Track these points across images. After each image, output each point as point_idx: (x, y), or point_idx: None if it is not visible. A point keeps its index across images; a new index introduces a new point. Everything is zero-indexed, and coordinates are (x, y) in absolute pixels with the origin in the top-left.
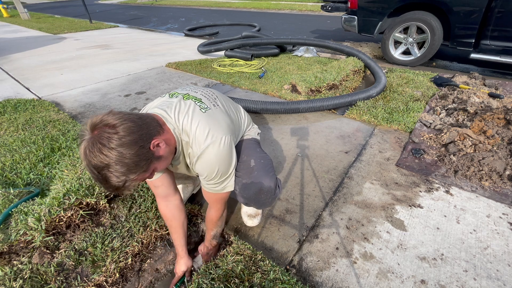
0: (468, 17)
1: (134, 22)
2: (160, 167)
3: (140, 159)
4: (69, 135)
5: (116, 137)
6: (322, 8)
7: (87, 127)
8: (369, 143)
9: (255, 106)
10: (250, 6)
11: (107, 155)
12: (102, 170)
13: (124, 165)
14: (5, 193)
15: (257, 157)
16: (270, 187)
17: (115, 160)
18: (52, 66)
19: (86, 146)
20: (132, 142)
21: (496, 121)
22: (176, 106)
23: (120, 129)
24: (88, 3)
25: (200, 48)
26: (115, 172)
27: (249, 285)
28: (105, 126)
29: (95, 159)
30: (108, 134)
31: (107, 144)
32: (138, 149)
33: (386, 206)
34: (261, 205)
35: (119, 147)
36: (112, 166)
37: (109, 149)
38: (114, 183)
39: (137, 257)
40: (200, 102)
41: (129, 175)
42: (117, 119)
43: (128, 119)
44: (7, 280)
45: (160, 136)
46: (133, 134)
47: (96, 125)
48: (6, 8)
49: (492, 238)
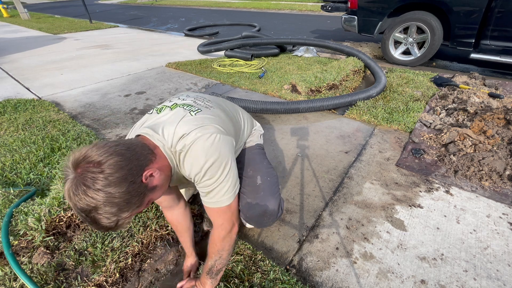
0: (468, 17)
1: (134, 22)
2: (156, 196)
3: (131, 196)
4: (69, 135)
5: (102, 176)
6: (322, 8)
7: (69, 164)
8: (369, 143)
9: (255, 106)
10: (250, 6)
11: (93, 197)
12: (90, 213)
13: (114, 205)
14: (5, 193)
15: (263, 174)
16: (274, 210)
17: (103, 202)
18: (52, 66)
19: (70, 187)
20: (121, 180)
21: (496, 121)
22: (164, 119)
23: (105, 167)
24: (88, 3)
25: (200, 48)
26: (105, 214)
27: (249, 285)
28: (89, 163)
29: (80, 202)
30: (92, 174)
31: (92, 186)
32: (128, 185)
33: (386, 206)
34: (262, 226)
35: (106, 187)
36: (101, 208)
37: (95, 191)
38: (105, 225)
39: (137, 257)
40: (189, 107)
41: (120, 215)
42: (102, 155)
43: (114, 153)
44: (7, 280)
45: (152, 164)
46: (121, 170)
47: (78, 163)
48: (6, 8)
49: (492, 238)
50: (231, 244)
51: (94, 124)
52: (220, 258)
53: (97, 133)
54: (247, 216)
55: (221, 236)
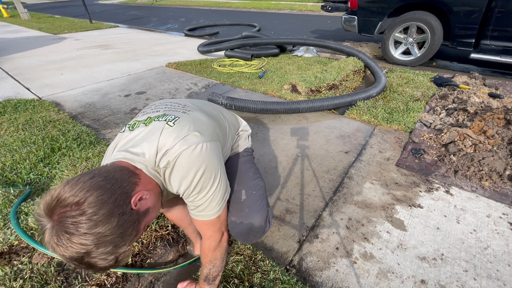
0: (468, 17)
1: (134, 22)
2: (151, 218)
3: (124, 228)
4: (69, 135)
5: (85, 218)
6: (322, 8)
7: (41, 212)
8: (369, 143)
9: (255, 106)
10: (250, 6)
11: (81, 243)
12: (82, 260)
13: (107, 244)
14: (5, 193)
15: (248, 187)
16: (261, 227)
17: (95, 244)
18: (52, 66)
19: (50, 239)
20: (108, 215)
21: (496, 121)
22: (140, 137)
23: (86, 206)
24: (88, 3)
25: (200, 48)
26: (100, 256)
27: (249, 285)
28: (65, 207)
29: (67, 251)
30: (72, 218)
31: (76, 231)
32: (118, 219)
33: (386, 206)
34: (249, 242)
35: (93, 228)
36: (93, 251)
37: (81, 236)
38: (103, 266)
39: (137, 257)
40: (164, 117)
41: (118, 251)
42: (77, 194)
43: (92, 188)
44: (7, 280)
45: (138, 187)
46: (105, 205)
47: (53, 209)
48: (6, 8)
49: (492, 238)
50: (223, 252)
51: (94, 124)
52: (214, 267)
53: (97, 133)
54: (233, 234)
55: (211, 248)
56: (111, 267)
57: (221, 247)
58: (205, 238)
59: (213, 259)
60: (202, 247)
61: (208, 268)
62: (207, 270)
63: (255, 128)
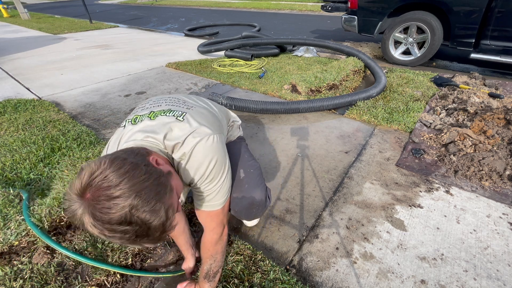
0: (468, 17)
1: (134, 22)
2: (176, 185)
3: (155, 177)
4: (69, 135)
5: (111, 171)
6: (322, 8)
7: (72, 198)
8: (369, 143)
9: (255, 106)
10: (250, 6)
11: (120, 195)
12: (132, 217)
13: (148, 192)
14: (5, 193)
15: (246, 167)
16: (262, 200)
17: (135, 193)
18: (52, 66)
19: (88, 210)
20: (134, 166)
21: (496, 121)
22: (147, 130)
23: (109, 168)
24: (88, 3)
25: (200, 48)
26: (147, 207)
27: (249, 285)
28: (93, 179)
29: (114, 213)
30: (102, 181)
31: (110, 186)
32: (144, 168)
33: (386, 206)
34: (252, 217)
35: (124, 176)
36: (137, 203)
37: (116, 187)
38: (157, 224)
39: (137, 257)
40: (171, 112)
41: (163, 200)
42: (98, 167)
43: (109, 159)
44: (7, 280)
45: (151, 155)
46: (128, 160)
47: (84, 189)
48: (6, 8)
49: (492, 238)
50: (223, 246)
51: (94, 124)
52: (215, 261)
53: (97, 133)
54: (236, 211)
55: (213, 241)
56: (166, 228)
57: (222, 241)
58: (207, 231)
59: (214, 253)
60: (204, 241)
61: (209, 264)
62: (208, 265)
63: (255, 128)
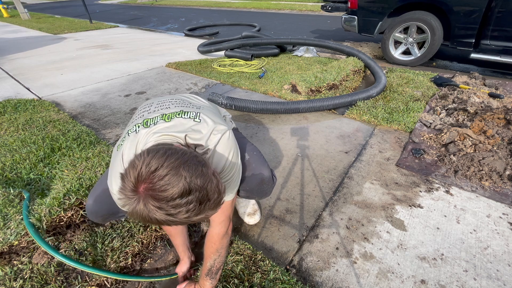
0: (468, 17)
1: (134, 22)
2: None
3: (189, 152)
4: (69, 135)
5: (152, 159)
6: (322, 8)
7: (129, 194)
8: (369, 143)
9: (255, 106)
10: (250, 6)
11: (168, 173)
12: (189, 185)
13: (190, 163)
14: (5, 193)
15: (248, 150)
16: (270, 177)
17: (180, 165)
18: (52, 66)
19: (148, 197)
20: (168, 148)
21: (496, 121)
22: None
23: (146, 158)
24: (88, 3)
25: (200, 48)
26: (196, 172)
27: (249, 285)
28: (140, 175)
29: (169, 188)
30: (147, 168)
31: (158, 168)
32: (177, 149)
33: (386, 206)
34: (263, 195)
35: (169, 150)
36: (186, 172)
37: (162, 168)
38: (213, 185)
39: (137, 257)
40: (186, 113)
41: (205, 166)
42: (135, 164)
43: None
44: (7, 280)
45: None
46: (159, 148)
47: (138, 183)
48: (6, 8)
49: (492, 238)
50: (228, 241)
51: (94, 124)
52: (220, 256)
53: (97, 133)
54: (247, 190)
55: (221, 234)
56: (220, 189)
57: (228, 235)
58: (215, 224)
59: (220, 247)
60: (211, 235)
61: (213, 259)
62: (212, 261)
63: (255, 128)
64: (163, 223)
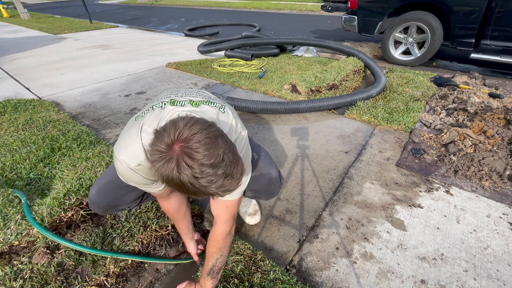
0: (468, 17)
1: (134, 22)
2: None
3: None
4: (69, 135)
5: (196, 124)
6: (322, 8)
7: (161, 147)
8: (369, 143)
9: (255, 106)
10: (250, 6)
11: (204, 139)
12: (223, 155)
13: (227, 138)
14: (5, 193)
15: (256, 150)
16: (277, 177)
17: (221, 135)
18: (52, 66)
19: (182, 154)
20: (204, 121)
21: (496, 121)
22: (196, 112)
23: (187, 124)
24: (88, 3)
25: (200, 48)
26: (227, 144)
27: (249, 285)
28: (177, 133)
29: (210, 154)
30: (187, 132)
31: (202, 130)
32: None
33: (386, 206)
34: (270, 195)
35: (206, 124)
36: (222, 143)
37: (198, 133)
38: (240, 167)
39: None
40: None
41: (233, 149)
42: (175, 123)
43: (174, 119)
44: (7, 280)
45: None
46: (193, 117)
47: (172, 142)
48: (6, 8)
49: (492, 238)
50: (231, 241)
51: (94, 124)
52: (222, 256)
53: (97, 133)
54: (254, 190)
55: (225, 233)
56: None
57: (231, 235)
58: (221, 222)
59: (223, 246)
60: (215, 234)
61: (215, 258)
62: (214, 260)
63: (255, 128)
64: (179, 186)
